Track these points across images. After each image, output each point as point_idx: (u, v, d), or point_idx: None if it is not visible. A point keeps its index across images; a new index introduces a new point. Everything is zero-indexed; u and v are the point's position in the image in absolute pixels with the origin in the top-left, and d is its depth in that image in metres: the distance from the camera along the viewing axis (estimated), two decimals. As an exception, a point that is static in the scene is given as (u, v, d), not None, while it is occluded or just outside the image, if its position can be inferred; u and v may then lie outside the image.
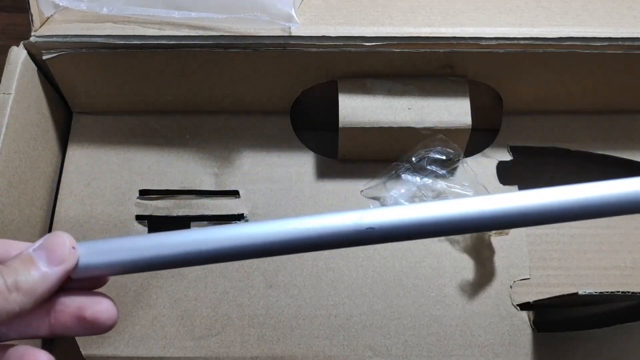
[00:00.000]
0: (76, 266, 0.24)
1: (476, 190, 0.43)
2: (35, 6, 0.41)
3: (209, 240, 0.25)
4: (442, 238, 0.43)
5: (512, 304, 0.41)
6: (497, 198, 0.26)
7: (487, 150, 0.46)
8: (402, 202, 0.44)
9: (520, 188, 0.45)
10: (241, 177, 0.45)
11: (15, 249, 0.24)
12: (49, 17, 0.42)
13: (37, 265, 0.23)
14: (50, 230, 0.44)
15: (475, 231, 0.31)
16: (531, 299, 0.41)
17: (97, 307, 0.24)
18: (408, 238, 0.26)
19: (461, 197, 0.43)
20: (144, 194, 0.45)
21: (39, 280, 0.23)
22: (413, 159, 0.44)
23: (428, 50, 0.41)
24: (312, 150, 0.46)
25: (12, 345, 0.24)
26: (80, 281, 0.25)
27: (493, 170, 0.45)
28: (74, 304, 0.24)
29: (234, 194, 0.45)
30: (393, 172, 0.45)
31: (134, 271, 0.25)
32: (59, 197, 0.45)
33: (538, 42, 0.41)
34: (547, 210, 0.26)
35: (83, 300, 0.25)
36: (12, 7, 0.60)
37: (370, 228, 0.25)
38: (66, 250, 0.24)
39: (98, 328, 0.24)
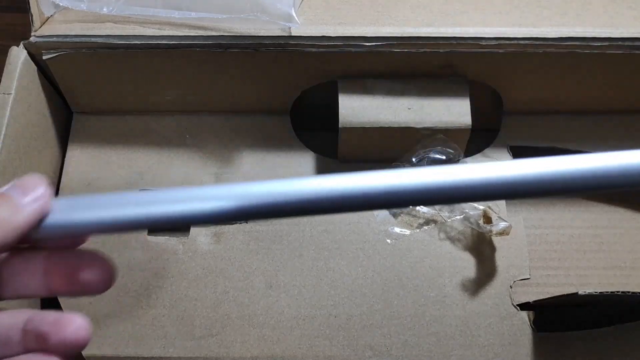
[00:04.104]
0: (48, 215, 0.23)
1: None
2: (35, 6, 0.41)
3: (203, 196, 0.22)
4: (444, 237, 0.43)
5: (512, 304, 0.41)
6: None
7: (487, 150, 0.46)
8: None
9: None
10: (241, 177, 0.45)
11: None
12: (49, 17, 0.42)
13: (12, 199, 0.23)
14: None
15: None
16: (531, 299, 0.41)
17: (88, 267, 0.24)
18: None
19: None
20: (144, 194, 0.45)
21: (14, 212, 0.22)
22: (413, 159, 0.44)
23: (428, 50, 0.41)
24: (312, 150, 0.46)
25: (40, 311, 0.24)
26: (58, 237, 0.24)
27: (493, 170, 0.45)
28: (65, 262, 0.24)
29: (234, 194, 0.45)
30: (393, 172, 0.45)
31: (111, 231, 0.23)
32: (59, 197, 0.44)
33: (538, 42, 0.41)
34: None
35: (76, 259, 0.24)
36: (12, 7, 0.60)
37: None
38: (41, 186, 0.24)
39: (90, 288, 0.24)
